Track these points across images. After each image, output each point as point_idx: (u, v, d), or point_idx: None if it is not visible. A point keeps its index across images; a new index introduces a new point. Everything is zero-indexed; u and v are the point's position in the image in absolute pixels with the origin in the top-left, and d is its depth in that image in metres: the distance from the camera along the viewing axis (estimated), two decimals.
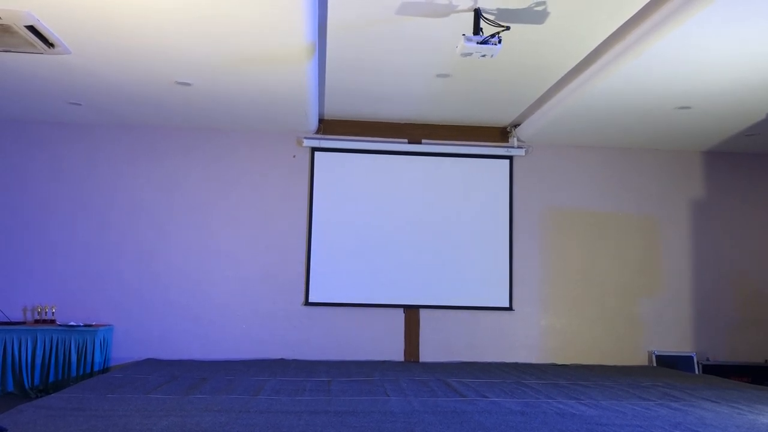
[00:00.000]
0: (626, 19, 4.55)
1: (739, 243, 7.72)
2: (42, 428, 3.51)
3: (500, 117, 7.18)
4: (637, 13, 4.46)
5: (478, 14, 4.30)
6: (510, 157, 7.56)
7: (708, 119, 6.46)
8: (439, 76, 5.77)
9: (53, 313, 6.83)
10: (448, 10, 4.40)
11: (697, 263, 7.64)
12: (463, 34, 4.24)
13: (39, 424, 3.62)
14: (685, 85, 5.47)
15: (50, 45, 4.80)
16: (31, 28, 4.48)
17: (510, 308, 7.37)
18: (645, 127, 6.82)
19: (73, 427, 3.57)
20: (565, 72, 5.62)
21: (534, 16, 4.45)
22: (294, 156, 7.40)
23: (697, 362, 7.32)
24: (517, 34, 4.67)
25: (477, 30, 4.28)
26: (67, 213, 7.10)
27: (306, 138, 7.36)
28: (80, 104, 6.45)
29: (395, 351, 7.24)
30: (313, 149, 7.40)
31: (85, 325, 6.62)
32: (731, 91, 5.60)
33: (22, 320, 6.86)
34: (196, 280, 7.14)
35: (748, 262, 7.70)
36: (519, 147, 7.52)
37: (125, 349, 6.93)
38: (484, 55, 4.32)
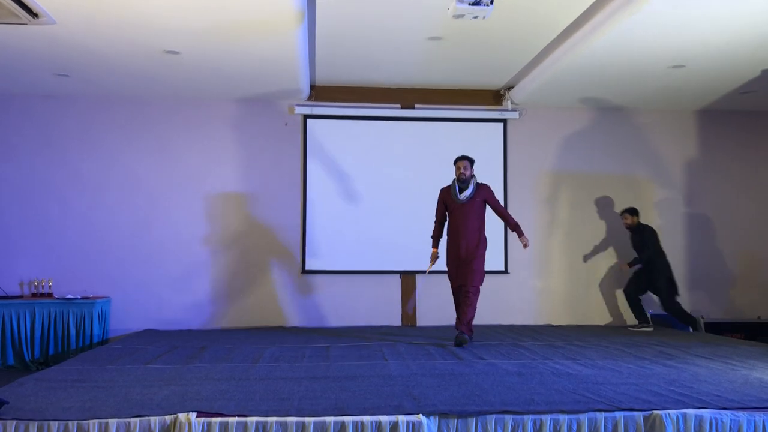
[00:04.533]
0: None
1: (732, 202, 7.73)
2: (43, 400, 3.54)
3: (493, 80, 7.11)
4: None
5: None
6: (504, 120, 7.51)
7: (702, 78, 6.42)
8: (430, 39, 5.69)
9: (50, 286, 6.83)
10: None
11: (692, 222, 7.67)
12: None
13: (40, 396, 3.64)
14: (679, 43, 5.41)
15: (34, 15, 4.71)
16: None
17: (505, 271, 7.41)
18: (639, 87, 6.77)
19: (75, 398, 3.59)
20: (559, 32, 5.55)
21: None
22: (286, 124, 7.33)
23: None
24: None
25: None
26: (61, 185, 7.05)
27: (298, 105, 7.28)
28: (68, 75, 6.35)
29: (392, 316, 7.29)
30: (305, 116, 7.32)
31: (83, 298, 6.64)
32: (726, 49, 5.55)
33: (19, 294, 6.87)
34: (191, 251, 7.13)
35: (742, 220, 7.72)
36: (513, 110, 7.46)
37: (123, 321, 6.95)
38: (476, 17, 4.27)
